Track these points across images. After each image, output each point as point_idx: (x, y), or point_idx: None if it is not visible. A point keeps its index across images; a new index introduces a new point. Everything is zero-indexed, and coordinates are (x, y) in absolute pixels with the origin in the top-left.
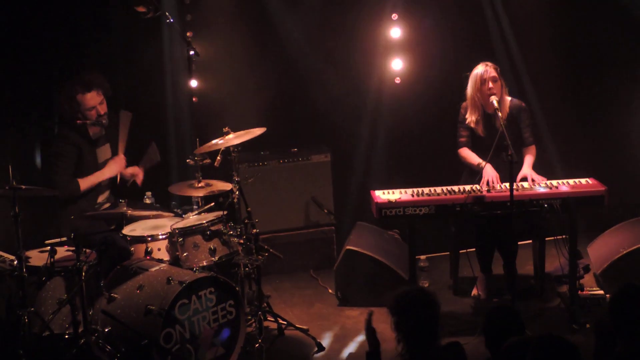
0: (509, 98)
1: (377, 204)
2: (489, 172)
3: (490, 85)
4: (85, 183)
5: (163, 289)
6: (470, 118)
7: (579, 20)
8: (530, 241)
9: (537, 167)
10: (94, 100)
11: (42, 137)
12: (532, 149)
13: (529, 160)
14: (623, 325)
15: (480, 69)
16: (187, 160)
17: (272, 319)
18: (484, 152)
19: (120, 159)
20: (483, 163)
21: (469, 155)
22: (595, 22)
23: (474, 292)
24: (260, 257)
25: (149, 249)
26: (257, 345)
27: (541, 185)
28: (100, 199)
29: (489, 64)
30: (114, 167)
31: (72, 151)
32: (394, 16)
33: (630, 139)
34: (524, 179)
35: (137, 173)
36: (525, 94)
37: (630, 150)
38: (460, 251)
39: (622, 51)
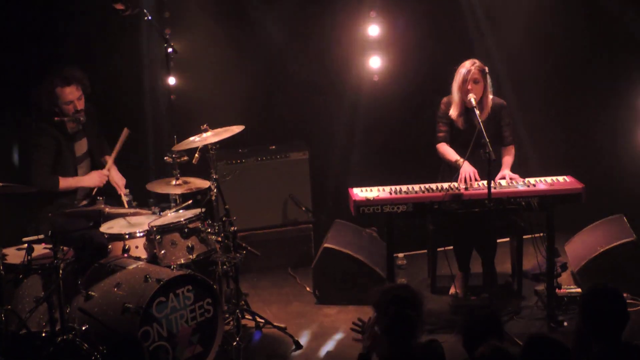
0: (491, 97)
1: (354, 202)
2: (466, 169)
3: (470, 86)
4: (65, 182)
5: (140, 287)
6: (452, 111)
7: (558, 18)
8: (508, 239)
9: (515, 165)
10: (72, 95)
11: (19, 132)
12: (511, 150)
13: (507, 161)
14: (594, 325)
15: (465, 67)
16: (165, 158)
17: (250, 317)
18: (463, 148)
19: (103, 174)
20: (461, 160)
21: (447, 151)
22: (574, 21)
23: (452, 290)
24: (238, 254)
25: (126, 247)
26: (234, 343)
27: (519, 183)
28: (79, 195)
29: (476, 63)
30: (95, 180)
31: (50, 145)
32: (372, 13)
33: (607, 138)
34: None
35: (118, 184)
36: (502, 91)
37: (608, 148)
38: (438, 249)
39: (599, 50)
